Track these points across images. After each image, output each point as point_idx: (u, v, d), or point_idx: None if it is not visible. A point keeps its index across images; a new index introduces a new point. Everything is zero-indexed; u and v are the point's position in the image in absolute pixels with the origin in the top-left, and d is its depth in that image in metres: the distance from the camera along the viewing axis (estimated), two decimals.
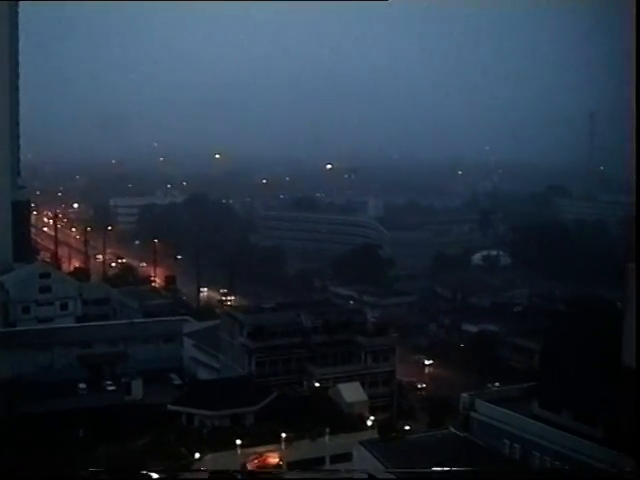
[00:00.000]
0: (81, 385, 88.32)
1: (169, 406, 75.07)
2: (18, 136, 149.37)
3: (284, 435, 69.24)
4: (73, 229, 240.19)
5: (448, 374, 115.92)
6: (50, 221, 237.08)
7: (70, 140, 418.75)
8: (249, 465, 67.74)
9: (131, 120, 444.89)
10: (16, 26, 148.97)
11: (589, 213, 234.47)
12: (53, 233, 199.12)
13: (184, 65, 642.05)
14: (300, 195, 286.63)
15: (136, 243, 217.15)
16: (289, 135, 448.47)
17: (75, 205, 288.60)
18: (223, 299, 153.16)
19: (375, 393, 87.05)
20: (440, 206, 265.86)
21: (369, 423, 74.86)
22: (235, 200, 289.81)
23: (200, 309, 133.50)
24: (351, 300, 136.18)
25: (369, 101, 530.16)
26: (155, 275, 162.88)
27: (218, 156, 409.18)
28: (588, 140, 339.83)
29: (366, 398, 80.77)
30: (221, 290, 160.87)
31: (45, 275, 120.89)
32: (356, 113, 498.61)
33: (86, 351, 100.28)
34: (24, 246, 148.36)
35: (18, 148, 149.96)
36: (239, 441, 68.11)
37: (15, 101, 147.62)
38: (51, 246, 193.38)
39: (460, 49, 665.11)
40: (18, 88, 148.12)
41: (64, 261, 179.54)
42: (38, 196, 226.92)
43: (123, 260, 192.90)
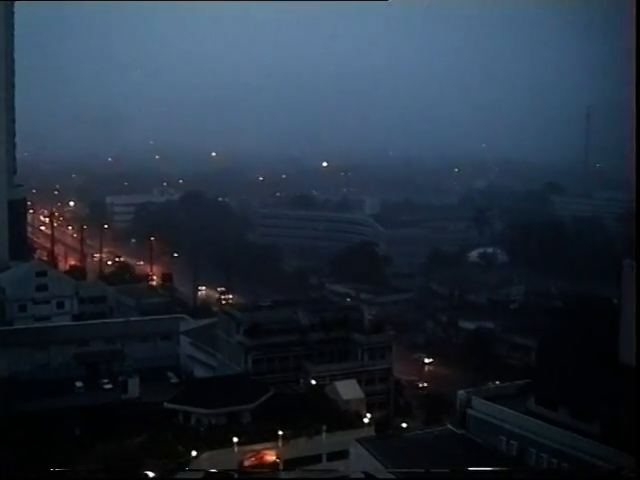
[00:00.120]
0: (78, 383, 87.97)
1: (166, 404, 74.97)
2: (14, 134, 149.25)
3: (281, 433, 69.28)
4: (69, 227, 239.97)
5: (446, 371, 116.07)
6: (46, 219, 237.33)
7: (66, 138, 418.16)
8: (246, 463, 67.75)
9: (127, 118, 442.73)
10: (12, 25, 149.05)
11: (586, 210, 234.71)
12: (49, 231, 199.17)
13: (181, 64, 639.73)
14: (297, 193, 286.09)
15: (132, 241, 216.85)
16: (286, 133, 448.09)
17: (71, 203, 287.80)
18: (220, 297, 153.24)
19: (372, 390, 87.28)
20: (437, 204, 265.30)
21: (366, 420, 74.88)
22: (232, 198, 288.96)
23: (197, 307, 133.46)
24: (348, 298, 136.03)
25: (366, 100, 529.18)
26: (152, 273, 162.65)
27: (214, 154, 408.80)
28: (585, 138, 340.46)
29: (363, 395, 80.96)
30: (218, 288, 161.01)
31: (41, 273, 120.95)
32: (353, 111, 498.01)
33: (83, 349, 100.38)
34: (20, 244, 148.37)
35: (14, 146, 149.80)
36: (236, 439, 68.18)
37: (11, 99, 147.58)
38: (47, 244, 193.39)
39: (460, 49, 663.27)
40: (14, 86, 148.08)
41: (60, 259, 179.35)
42: (34, 194, 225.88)
43: (120, 258, 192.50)
